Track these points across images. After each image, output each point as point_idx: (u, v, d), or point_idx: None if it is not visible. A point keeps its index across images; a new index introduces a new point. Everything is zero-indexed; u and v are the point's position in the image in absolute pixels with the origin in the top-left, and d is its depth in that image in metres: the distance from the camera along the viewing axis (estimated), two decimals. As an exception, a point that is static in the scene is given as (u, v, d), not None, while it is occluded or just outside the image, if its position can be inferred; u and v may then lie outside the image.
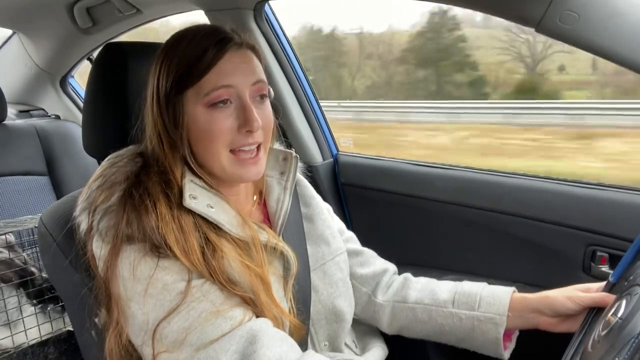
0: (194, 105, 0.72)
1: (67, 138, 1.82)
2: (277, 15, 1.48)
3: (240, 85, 0.73)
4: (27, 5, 1.60)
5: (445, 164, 1.41)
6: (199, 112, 0.72)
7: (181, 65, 0.71)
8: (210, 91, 0.71)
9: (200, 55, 0.71)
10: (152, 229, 0.68)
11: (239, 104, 0.73)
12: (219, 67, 0.71)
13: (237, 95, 0.73)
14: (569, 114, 3.70)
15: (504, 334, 0.85)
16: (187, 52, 0.72)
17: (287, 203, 0.86)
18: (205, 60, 0.71)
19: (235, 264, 0.71)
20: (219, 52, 0.72)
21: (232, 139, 0.73)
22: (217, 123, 0.72)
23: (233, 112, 0.73)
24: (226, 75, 0.72)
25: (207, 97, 0.71)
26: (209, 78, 0.71)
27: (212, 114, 0.72)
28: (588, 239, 1.13)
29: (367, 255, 1.00)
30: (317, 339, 0.85)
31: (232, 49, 0.73)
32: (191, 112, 0.72)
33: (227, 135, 0.72)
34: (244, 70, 0.73)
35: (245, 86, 0.73)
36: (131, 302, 0.68)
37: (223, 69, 0.72)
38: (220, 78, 0.71)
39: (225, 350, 0.65)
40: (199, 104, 0.72)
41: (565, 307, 0.80)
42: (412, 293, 0.94)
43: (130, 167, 0.75)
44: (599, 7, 0.75)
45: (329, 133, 1.61)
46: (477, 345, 0.88)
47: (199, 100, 0.72)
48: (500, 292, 0.87)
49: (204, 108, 0.72)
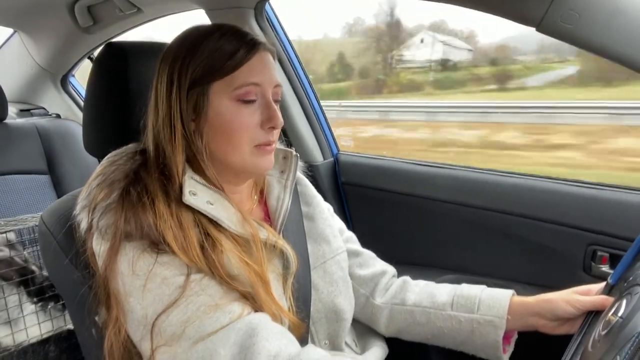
0: (220, 98, 0.74)
1: (68, 137, 1.82)
2: (277, 14, 1.48)
3: (265, 85, 0.75)
4: (28, 4, 1.60)
5: (445, 163, 1.41)
6: (225, 105, 0.74)
7: (212, 58, 0.73)
8: (241, 86, 0.73)
9: (234, 51, 0.73)
10: (149, 226, 0.68)
11: (263, 101, 0.76)
12: (250, 64, 0.74)
13: (262, 94, 0.76)
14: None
15: (503, 337, 0.85)
16: (218, 46, 0.74)
17: (287, 201, 0.86)
18: (239, 56, 0.73)
19: (234, 260, 0.71)
20: (252, 50, 0.74)
21: (255, 135, 0.75)
22: (244, 117, 0.74)
23: (258, 109, 0.75)
24: (256, 73, 0.74)
25: (237, 92, 0.73)
26: (240, 73, 0.73)
27: (239, 108, 0.74)
28: (588, 238, 1.13)
29: (366, 257, 1.00)
30: (318, 338, 0.85)
31: (262, 50, 0.76)
32: (216, 104, 0.74)
33: (251, 130, 0.75)
34: (269, 72, 0.76)
35: (269, 86, 0.76)
36: (130, 297, 0.68)
37: (253, 67, 0.74)
38: (251, 75, 0.74)
39: (224, 342, 0.65)
40: (226, 97, 0.73)
41: (564, 311, 0.80)
42: (410, 296, 0.93)
43: (130, 165, 0.76)
44: (600, 7, 0.75)
45: (329, 132, 1.61)
46: (476, 348, 0.88)
47: (227, 94, 0.73)
48: (499, 295, 0.87)
49: (230, 101, 0.74)
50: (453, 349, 0.91)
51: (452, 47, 4.96)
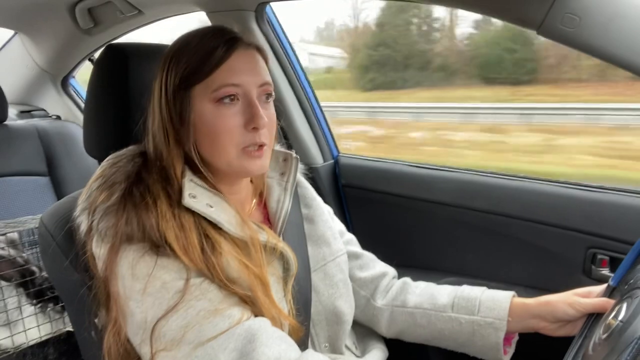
0: (202, 101, 0.73)
1: (68, 138, 1.82)
2: (278, 17, 1.48)
3: (247, 84, 0.74)
4: (28, 5, 1.60)
5: (446, 166, 1.41)
6: (206, 108, 0.73)
7: (191, 62, 0.72)
8: (219, 87, 0.72)
9: (210, 52, 0.72)
10: (151, 227, 0.68)
11: (245, 101, 0.74)
12: (228, 64, 0.72)
13: (244, 94, 0.74)
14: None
15: (503, 339, 0.85)
16: (197, 49, 0.73)
17: (287, 204, 0.86)
18: (215, 57, 0.72)
19: (234, 262, 0.71)
20: (229, 50, 0.73)
21: (240, 138, 0.73)
22: (224, 119, 0.72)
23: (240, 110, 0.73)
24: (235, 73, 0.73)
25: (215, 93, 0.72)
26: (218, 75, 0.72)
27: (220, 110, 0.72)
28: (589, 241, 1.13)
29: (366, 259, 1.00)
30: (318, 341, 0.85)
31: (241, 48, 0.74)
32: (198, 108, 0.73)
33: (235, 133, 0.73)
34: (252, 70, 0.75)
35: (253, 86, 0.74)
36: (130, 300, 0.68)
37: (232, 67, 0.73)
38: (229, 75, 0.72)
39: (224, 348, 0.65)
40: (207, 100, 0.73)
41: (565, 313, 0.80)
42: (411, 297, 0.93)
43: (130, 167, 0.76)
44: (601, 10, 0.75)
45: (329, 135, 1.61)
46: (477, 350, 0.88)
47: (206, 96, 0.72)
48: (500, 297, 0.87)
49: (211, 104, 0.73)
50: (454, 350, 0.91)
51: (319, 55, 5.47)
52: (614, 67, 0.78)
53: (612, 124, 3.23)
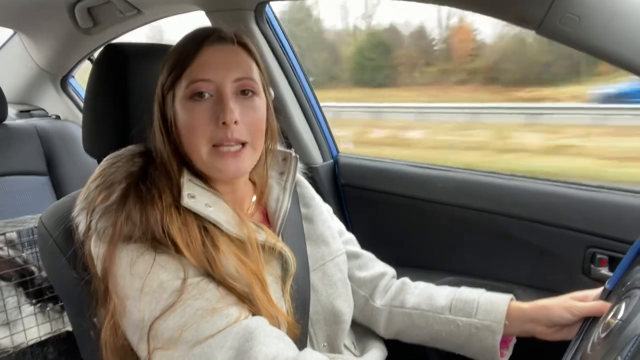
0: (179, 99, 0.74)
1: (68, 138, 1.81)
2: (277, 17, 1.48)
3: (219, 80, 0.73)
4: (28, 5, 1.60)
5: (445, 165, 1.41)
6: (180, 106, 0.74)
7: (171, 61, 0.75)
8: (190, 83, 0.73)
9: (183, 50, 0.74)
10: (155, 221, 0.69)
11: (217, 98, 0.73)
12: (198, 60, 0.73)
13: (216, 89, 0.73)
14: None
15: (501, 341, 0.85)
16: (178, 49, 0.75)
17: (286, 203, 0.86)
18: (186, 51, 0.74)
19: (232, 260, 0.71)
20: (199, 44, 0.74)
21: (212, 134, 0.73)
22: (194, 114, 0.73)
23: (211, 106, 0.73)
24: (205, 68, 0.73)
25: (187, 90, 0.73)
26: (190, 71, 0.73)
27: (191, 106, 0.73)
28: (588, 241, 1.13)
29: (365, 259, 1.00)
30: (317, 340, 0.85)
31: (214, 43, 0.74)
32: (177, 106, 0.75)
33: (206, 129, 0.73)
34: (226, 65, 0.74)
35: (226, 80, 0.73)
36: (127, 299, 0.68)
37: (203, 63, 0.73)
38: (200, 71, 0.73)
39: (220, 346, 0.65)
40: (182, 98, 0.74)
41: (562, 317, 0.80)
42: (409, 298, 0.93)
43: (129, 167, 0.76)
44: (600, 10, 0.75)
45: (329, 134, 1.61)
46: (474, 352, 0.88)
47: (181, 94, 0.74)
48: (497, 300, 0.87)
49: (184, 101, 0.73)
50: (452, 351, 0.91)
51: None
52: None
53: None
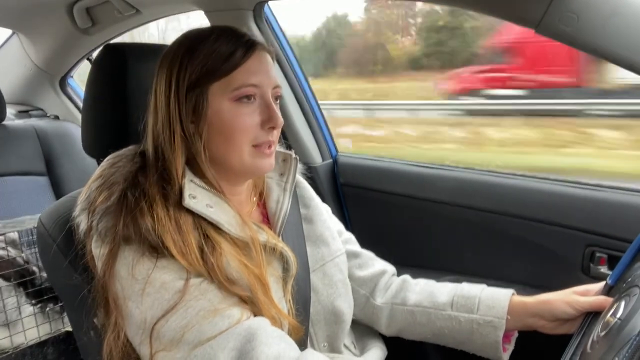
0: (220, 99, 0.74)
1: (66, 138, 1.81)
2: (276, 16, 1.48)
3: (264, 86, 0.76)
4: (26, 5, 1.60)
5: (445, 164, 1.41)
6: (225, 106, 0.74)
7: (209, 60, 0.74)
8: (239, 87, 0.74)
9: (232, 52, 0.74)
10: (147, 231, 0.68)
11: (262, 102, 0.76)
12: (248, 64, 0.74)
13: (261, 94, 0.76)
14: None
15: (503, 335, 0.85)
16: (216, 48, 0.74)
17: (286, 204, 0.86)
18: (236, 57, 0.74)
19: (234, 263, 0.71)
20: (249, 51, 0.75)
21: (255, 135, 0.75)
22: (243, 117, 0.74)
23: (257, 109, 0.76)
24: (254, 73, 0.75)
25: (236, 92, 0.74)
26: (238, 74, 0.74)
27: (239, 108, 0.74)
28: (587, 239, 1.13)
29: (365, 257, 1.00)
30: (317, 340, 0.85)
31: (259, 50, 0.77)
32: (216, 105, 0.74)
33: (251, 131, 0.75)
34: (267, 72, 0.77)
35: (268, 87, 0.76)
36: (129, 301, 0.68)
37: (251, 68, 0.75)
38: (249, 76, 0.74)
39: (223, 347, 0.65)
40: (226, 98, 0.74)
41: (563, 312, 0.80)
42: (410, 295, 0.93)
43: (130, 168, 0.75)
44: (598, 9, 0.76)
45: (328, 134, 1.61)
46: (477, 348, 0.88)
47: (225, 95, 0.74)
48: (499, 295, 0.87)
49: (230, 102, 0.74)
50: (454, 347, 0.91)
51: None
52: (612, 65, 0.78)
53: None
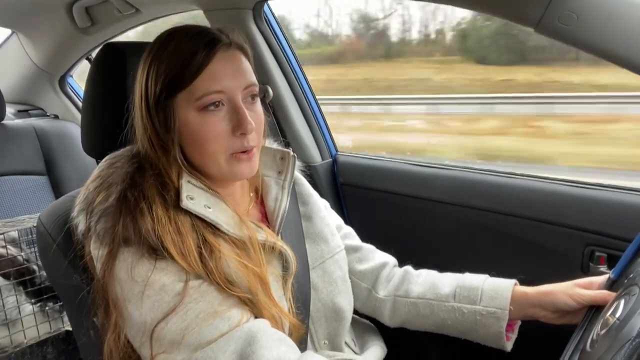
0: (186, 110, 0.72)
1: (66, 138, 1.81)
2: (276, 15, 1.48)
3: (231, 89, 0.72)
4: (26, 4, 1.60)
5: (444, 164, 1.41)
6: (191, 117, 0.72)
7: (171, 69, 0.70)
8: (202, 95, 0.70)
9: (190, 58, 0.70)
10: (147, 232, 0.67)
11: (230, 107, 0.73)
12: (209, 70, 0.71)
13: (229, 99, 0.72)
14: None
15: (506, 325, 0.85)
16: (176, 55, 0.71)
17: (285, 202, 0.86)
18: (195, 63, 0.70)
19: (233, 264, 0.71)
20: (209, 54, 0.71)
21: (230, 144, 0.72)
22: (210, 126, 0.71)
23: (226, 115, 0.72)
24: (217, 79, 0.71)
25: (199, 102, 0.71)
26: (200, 82, 0.70)
27: (205, 117, 0.71)
28: (586, 239, 1.13)
29: (365, 251, 1.00)
30: (317, 337, 0.85)
31: (221, 50, 0.72)
32: (183, 116, 0.72)
33: (222, 139, 0.72)
34: (235, 73, 0.73)
35: (237, 89, 0.73)
36: (129, 303, 0.68)
37: (214, 73, 0.71)
38: (212, 82, 0.71)
39: (224, 350, 0.65)
40: (191, 108, 0.71)
41: (566, 304, 0.80)
42: (413, 287, 0.94)
43: (127, 168, 0.75)
44: (598, 8, 0.75)
45: (328, 133, 1.61)
46: (480, 338, 0.89)
47: (190, 105, 0.71)
48: (502, 286, 0.88)
49: (195, 112, 0.71)
50: (457, 337, 0.92)
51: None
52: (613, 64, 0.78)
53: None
